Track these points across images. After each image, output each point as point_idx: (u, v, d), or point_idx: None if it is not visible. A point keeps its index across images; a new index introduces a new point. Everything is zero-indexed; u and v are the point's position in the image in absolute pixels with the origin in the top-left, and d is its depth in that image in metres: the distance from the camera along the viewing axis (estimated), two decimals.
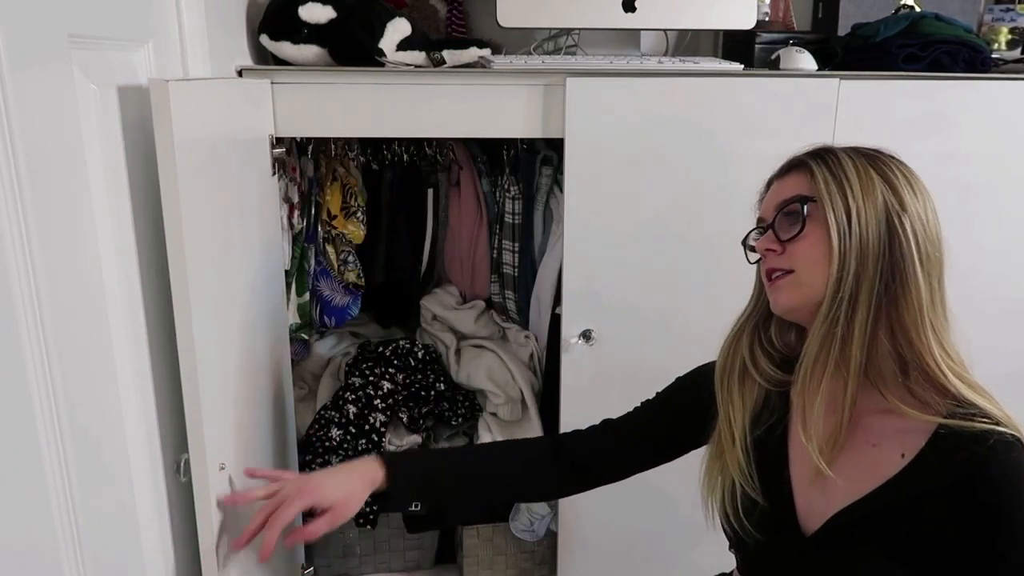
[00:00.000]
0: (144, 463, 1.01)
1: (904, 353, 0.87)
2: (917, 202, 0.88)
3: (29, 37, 0.71)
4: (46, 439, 0.73)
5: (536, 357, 1.80)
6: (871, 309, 0.86)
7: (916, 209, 0.88)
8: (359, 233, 1.67)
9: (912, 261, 0.86)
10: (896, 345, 0.87)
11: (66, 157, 0.79)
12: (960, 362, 0.88)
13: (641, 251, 1.53)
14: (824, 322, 0.88)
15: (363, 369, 1.73)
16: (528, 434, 1.75)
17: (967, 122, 1.56)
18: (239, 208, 1.23)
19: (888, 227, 0.87)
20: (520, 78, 1.45)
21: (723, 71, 1.51)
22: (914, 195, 0.89)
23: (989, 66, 1.60)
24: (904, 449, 0.88)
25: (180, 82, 0.93)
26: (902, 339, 0.87)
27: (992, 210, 1.60)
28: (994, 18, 1.87)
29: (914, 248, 0.86)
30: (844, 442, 0.91)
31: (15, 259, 0.68)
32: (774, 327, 1.00)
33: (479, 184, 1.75)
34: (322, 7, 1.43)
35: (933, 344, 0.86)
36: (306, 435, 1.71)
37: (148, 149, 1.04)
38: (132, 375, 0.97)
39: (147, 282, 1.01)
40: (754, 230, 0.99)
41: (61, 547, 0.77)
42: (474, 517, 1.09)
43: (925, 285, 0.86)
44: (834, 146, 0.95)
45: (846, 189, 0.88)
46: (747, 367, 1.00)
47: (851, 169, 0.89)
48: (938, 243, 0.89)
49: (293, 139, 1.58)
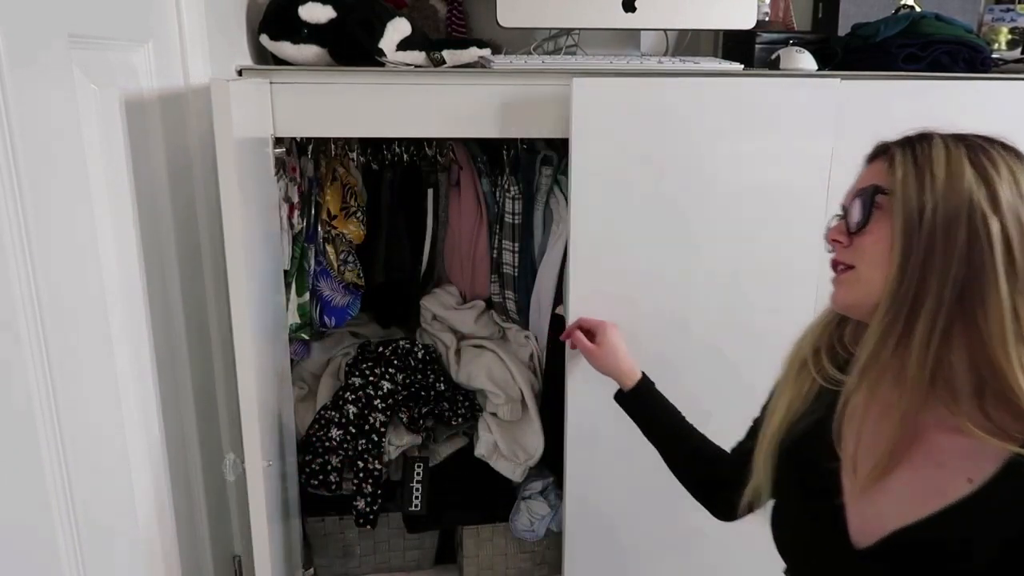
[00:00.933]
0: (144, 462, 1.01)
1: (982, 371, 0.78)
2: (1022, 204, 0.78)
3: (29, 37, 0.71)
4: (46, 439, 0.73)
5: (536, 357, 1.80)
6: (937, 320, 0.77)
7: (1016, 212, 0.77)
8: (359, 233, 1.67)
9: (994, 270, 0.76)
10: (973, 361, 0.78)
11: (66, 157, 0.79)
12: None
13: (648, 251, 1.53)
14: (878, 328, 0.80)
15: (363, 369, 1.73)
16: (528, 434, 1.75)
17: (967, 122, 1.55)
18: (257, 208, 1.23)
19: (969, 229, 0.77)
20: (521, 78, 1.45)
21: (723, 71, 1.51)
22: (1020, 195, 0.78)
23: (989, 66, 1.60)
24: (971, 474, 0.80)
25: (236, 82, 0.93)
26: (980, 355, 0.77)
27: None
28: (994, 18, 1.87)
29: (999, 256, 0.76)
30: (902, 456, 0.83)
31: (15, 259, 0.68)
32: (850, 324, 0.92)
33: (479, 184, 1.75)
34: (322, 7, 1.43)
35: (1015, 364, 0.76)
36: (306, 435, 1.71)
37: (149, 149, 1.04)
38: (132, 375, 0.97)
39: (148, 282, 1.01)
40: (834, 217, 0.91)
41: (61, 548, 0.77)
42: (662, 449, 1.18)
43: (1008, 300, 0.76)
44: (936, 131, 0.87)
45: (926, 182, 0.80)
46: (806, 359, 0.94)
47: (940, 160, 0.81)
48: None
49: (293, 139, 1.58)
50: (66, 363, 0.75)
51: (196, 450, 1.23)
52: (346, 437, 1.69)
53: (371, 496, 1.70)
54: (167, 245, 1.12)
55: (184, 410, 1.19)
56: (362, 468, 1.69)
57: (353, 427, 1.69)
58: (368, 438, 1.69)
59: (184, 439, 1.20)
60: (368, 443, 1.68)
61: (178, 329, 1.16)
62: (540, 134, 1.49)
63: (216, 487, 1.32)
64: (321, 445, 1.70)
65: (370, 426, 1.69)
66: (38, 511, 0.74)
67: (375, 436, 1.69)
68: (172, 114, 1.12)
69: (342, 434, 1.69)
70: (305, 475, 1.70)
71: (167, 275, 1.12)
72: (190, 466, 1.22)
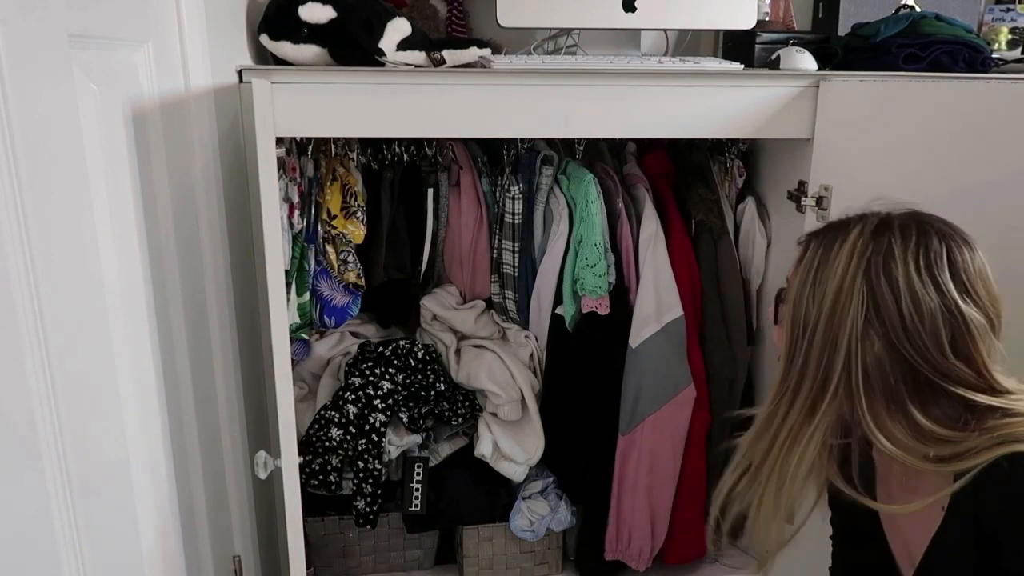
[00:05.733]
0: (144, 462, 1.01)
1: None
2: (904, 319, 0.85)
3: (29, 37, 0.71)
4: (46, 439, 0.73)
5: (536, 357, 1.80)
6: (812, 407, 0.89)
7: (897, 325, 0.85)
8: (359, 233, 1.67)
9: (857, 385, 0.88)
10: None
11: (66, 157, 0.79)
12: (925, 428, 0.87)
13: None
14: (766, 408, 0.94)
15: (363, 369, 1.73)
16: (528, 434, 1.75)
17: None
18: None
19: (847, 354, 0.87)
20: (522, 78, 1.45)
21: (723, 71, 1.51)
22: (907, 309, 0.85)
23: (989, 66, 1.60)
24: (942, 502, 0.88)
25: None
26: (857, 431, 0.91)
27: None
28: (994, 18, 1.87)
29: (858, 376, 0.87)
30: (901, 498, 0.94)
31: (15, 259, 0.68)
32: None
33: (479, 184, 1.75)
34: (322, 7, 1.43)
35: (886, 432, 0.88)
36: (306, 435, 1.71)
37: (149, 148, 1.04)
38: (133, 375, 0.97)
39: (148, 282, 1.01)
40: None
41: (62, 548, 0.77)
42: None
43: (868, 409, 0.88)
44: (854, 225, 0.91)
45: (815, 297, 0.89)
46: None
47: (836, 276, 0.88)
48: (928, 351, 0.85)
49: (293, 139, 1.57)
50: (66, 363, 0.75)
51: (196, 450, 1.23)
52: (346, 437, 1.69)
53: (371, 496, 1.70)
54: (168, 245, 1.12)
55: (184, 410, 1.19)
56: (362, 468, 1.69)
57: (353, 427, 1.69)
58: (368, 438, 1.69)
59: (184, 439, 1.20)
60: (368, 443, 1.68)
61: (179, 329, 1.16)
62: (542, 134, 1.49)
63: (216, 487, 1.32)
64: (321, 445, 1.70)
65: (370, 426, 1.69)
66: (39, 511, 0.74)
67: (375, 436, 1.69)
68: (172, 114, 1.12)
69: (342, 434, 1.69)
70: (305, 475, 1.69)
71: (168, 274, 1.12)
72: (190, 466, 1.22)
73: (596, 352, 1.72)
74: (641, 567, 1.82)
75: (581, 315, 1.69)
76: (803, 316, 0.89)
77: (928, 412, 0.87)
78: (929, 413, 0.87)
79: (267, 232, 1.01)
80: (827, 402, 0.88)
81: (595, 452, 1.77)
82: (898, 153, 1.50)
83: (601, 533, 1.81)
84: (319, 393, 1.78)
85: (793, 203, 1.58)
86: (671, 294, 1.69)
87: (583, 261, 1.64)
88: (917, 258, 0.86)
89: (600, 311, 1.66)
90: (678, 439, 1.76)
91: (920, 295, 0.85)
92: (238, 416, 1.39)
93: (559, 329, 1.74)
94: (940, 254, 0.87)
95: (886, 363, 0.87)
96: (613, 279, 1.66)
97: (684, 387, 1.73)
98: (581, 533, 1.88)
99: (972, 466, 0.82)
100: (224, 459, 1.35)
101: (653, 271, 1.68)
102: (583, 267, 1.64)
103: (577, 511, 1.85)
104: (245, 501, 1.43)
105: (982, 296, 0.87)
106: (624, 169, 1.82)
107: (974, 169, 1.57)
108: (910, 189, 0.98)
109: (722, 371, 1.78)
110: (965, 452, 0.84)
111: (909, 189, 0.98)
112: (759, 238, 1.76)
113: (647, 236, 1.68)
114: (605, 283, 1.64)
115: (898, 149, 1.50)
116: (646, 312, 1.68)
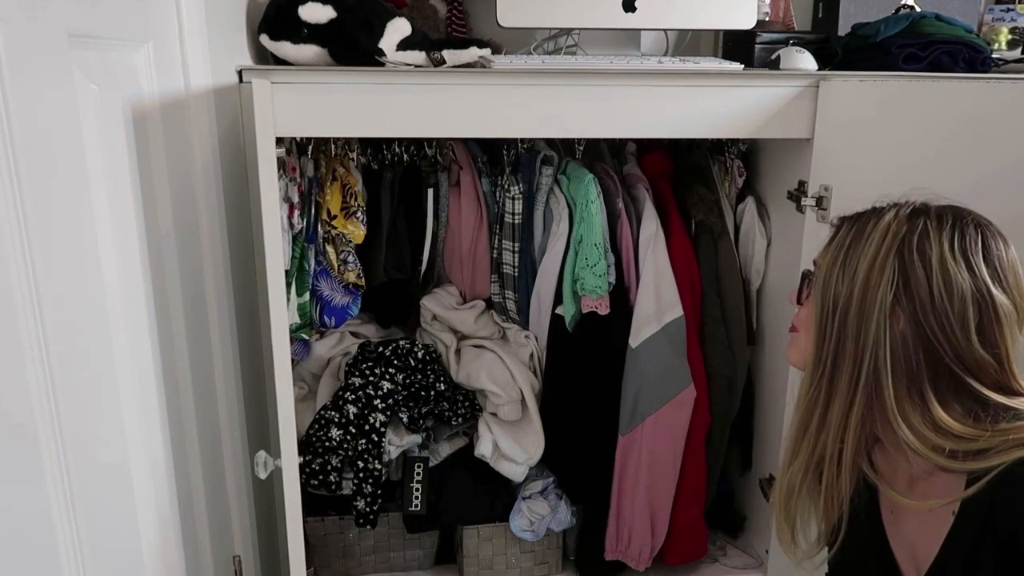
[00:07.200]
0: (144, 462, 1.01)
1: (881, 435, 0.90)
2: (933, 298, 0.84)
3: (29, 37, 0.71)
4: (46, 440, 0.73)
5: (536, 357, 1.80)
6: (853, 395, 0.87)
7: (926, 303, 0.84)
8: (359, 233, 1.67)
9: (884, 364, 0.86)
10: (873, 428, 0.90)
11: (66, 157, 0.79)
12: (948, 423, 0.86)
13: None
14: (803, 391, 0.92)
15: (363, 369, 1.73)
16: (528, 434, 1.75)
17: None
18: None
19: (877, 329, 0.85)
20: (522, 78, 1.45)
21: (723, 71, 1.51)
22: (938, 288, 0.84)
23: (989, 66, 1.60)
24: (953, 505, 0.87)
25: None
26: (879, 427, 0.89)
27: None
28: (994, 18, 1.87)
29: (886, 356, 0.85)
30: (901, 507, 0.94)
31: (15, 259, 0.68)
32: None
33: (479, 184, 1.75)
34: (322, 7, 1.43)
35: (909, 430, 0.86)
36: (306, 435, 1.71)
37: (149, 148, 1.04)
38: (133, 375, 0.97)
39: (148, 282, 1.01)
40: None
41: (62, 548, 0.77)
42: None
43: (892, 392, 0.86)
44: (889, 209, 0.91)
45: (846, 275, 0.87)
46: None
47: (868, 255, 0.87)
48: (957, 339, 0.84)
49: (293, 139, 1.57)
50: (66, 364, 0.75)
51: (196, 450, 1.23)
52: (346, 437, 1.69)
53: (371, 496, 1.70)
54: (167, 245, 1.11)
55: (184, 410, 1.19)
56: (362, 468, 1.69)
57: (353, 427, 1.69)
58: (368, 438, 1.69)
59: (184, 439, 1.20)
60: (368, 443, 1.68)
61: (179, 329, 1.16)
62: (542, 134, 1.49)
63: (216, 487, 1.32)
64: (321, 445, 1.69)
65: (370, 426, 1.68)
66: (39, 512, 0.74)
67: (375, 436, 1.69)
68: (172, 114, 1.12)
69: (342, 434, 1.69)
70: (305, 475, 1.69)
71: (168, 275, 1.12)
72: (190, 466, 1.22)
73: (596, 352, 1.72)
74: (641, 567, 1.82)
75: (581, 315, 1.69)
76: (832, 294, 0.87)
77: (945, 405, 0.86)
78: (946, 406, 0.86)
79: (267, 232, 1.02)
80: (862, 383, 0.87)
81: (595, 452, 1.77)
82: (898, 153, 1.50)
83: (601, 533, 1.81)
84: (319, 393, 1.78)
85: (793, 203, 1.58)
86: (671, 294, 1.69)
87: (583, 261, 1.64)
88: (952, 239, 0.86)
89: (600, 311, 1.66)
90: (678, 439, 1.76)
91: (952, 274, 0.84)
92: (238, 416, 1.39)
93: (559, 329, 1.74)
94: (975, 239, 0.87)
95: (909, 342, 0.85)
96: (613, 279, 1.66)
97: (684, 387, 1.73)
98: (581, 533, 1.88)
99: (987, 468, 0.82)
100: (224, 459, 1.35)
101: (653, 271, 1.68)
102: (583, 267, 1.64)
103: (577, 511, 1.85)
104: (245, 501, 1.43)
105: (1012, 286, 0.86)
106: (624, 169, 1.82)
107: (974, 169, 1.57)
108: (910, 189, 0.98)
109: (722, 371, 1.78)
110: (979, 452, 0.83)
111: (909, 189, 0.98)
112: (759, 238, 1.76)
113: (647, 236, 1.68)
114: (605, 283, 1.64)
115: (898, 149, 1.50)
116: (646, 312, 1.68)
